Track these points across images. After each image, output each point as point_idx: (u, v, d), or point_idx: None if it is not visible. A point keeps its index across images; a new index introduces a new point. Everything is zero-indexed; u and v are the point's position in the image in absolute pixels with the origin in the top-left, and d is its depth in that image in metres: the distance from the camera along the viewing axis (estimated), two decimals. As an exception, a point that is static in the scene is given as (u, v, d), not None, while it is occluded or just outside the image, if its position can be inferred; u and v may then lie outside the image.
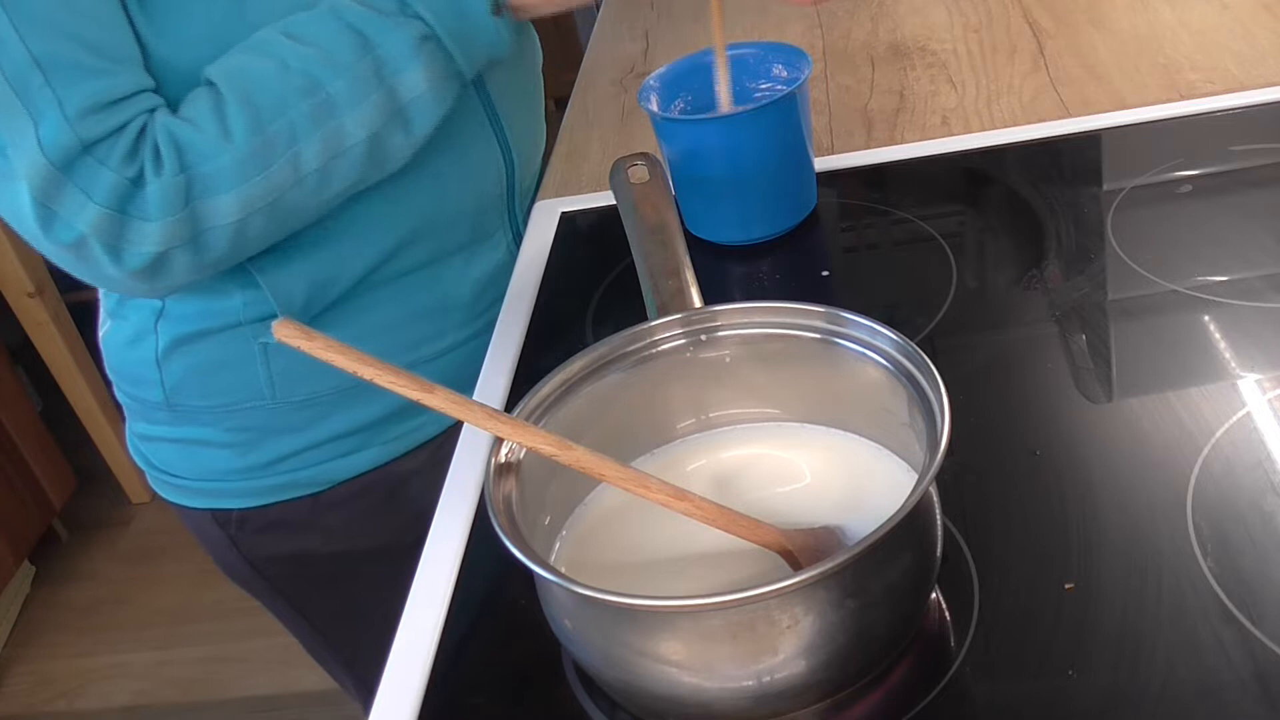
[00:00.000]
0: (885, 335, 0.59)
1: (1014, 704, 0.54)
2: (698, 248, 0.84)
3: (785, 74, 0.90)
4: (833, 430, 0.64)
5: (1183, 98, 0.96)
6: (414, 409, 0.90)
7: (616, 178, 0.80)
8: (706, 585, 0.57)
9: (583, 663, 0.57)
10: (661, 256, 0.71)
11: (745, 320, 0.64)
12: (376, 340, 0.90)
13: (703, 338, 0.64)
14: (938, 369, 0.55)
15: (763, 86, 0.91)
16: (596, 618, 0.54)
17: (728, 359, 0.64)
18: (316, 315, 0.87)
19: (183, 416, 0.93)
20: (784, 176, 0.88)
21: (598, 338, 0.65)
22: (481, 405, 0.56)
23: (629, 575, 0.59)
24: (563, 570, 0.56)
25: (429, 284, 0.91)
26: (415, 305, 0.92)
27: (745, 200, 0.88)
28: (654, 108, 0.88)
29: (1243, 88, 0.95)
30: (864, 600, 0.51)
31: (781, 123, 0.85)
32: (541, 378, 0.62)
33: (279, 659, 1.97)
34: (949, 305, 0.79)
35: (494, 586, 0.66)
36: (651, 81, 0.90)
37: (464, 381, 0.81)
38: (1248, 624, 0.54)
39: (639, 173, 0.78)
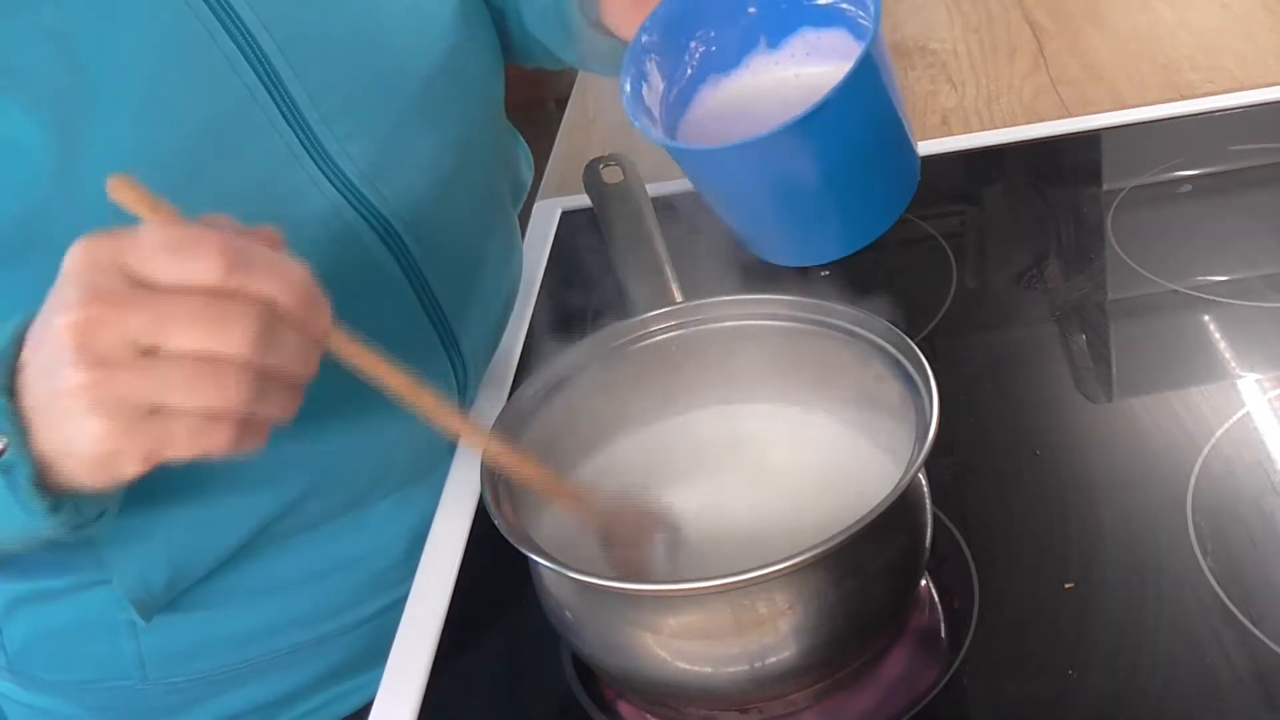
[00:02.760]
0: (872, 322, 0.59)
1: (1014, 704, 0.54)
2: (695, 246, 0.84)
3: None
4: (819, 418, 0.64)
5: (1183, 98, 0.96)
6: (317, 687, 0.77)
7: (590, 179, 0.79)
8: (695, 569, 0.57)
9: (583, 654, 0.57)
10: (641, 256, 0.71)
11: (730, 313, 0.64)
12: (269, 604, 0.73)
13: (687, 330, 0.64)
14: (938, 369, 0.55)
15: (819, 1, 0.62)
16: (598, 606, 0.54)
17: (713, 352, 0.64)
18: (184, 590, 0.70)
19: (32, 684, 0.76)
20: (878, 167, 0.60)
21: (599, 336, 0.65)
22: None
23: (627, 565, 0.59)
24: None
25: (344, 536, 0.74)
26: (325, 562, 0.74)
27: (832, 213, 0.61)
28: (654, 121, 0.59)
29: (1243, 88, 0.95)
30: (861, 579, 0.52)
31: (863, 100, 0.56)
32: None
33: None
34: (949, 305, 0.79)
35: (493, 585, 0.66)
36: (644, 38, 0.60)
37: (382, 657, 0.65)
38: (1248, 624, 0.54)
39: (612, 173, 0.78)
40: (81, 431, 0.47)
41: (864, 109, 0.56)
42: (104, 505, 0.54)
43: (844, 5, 0.60)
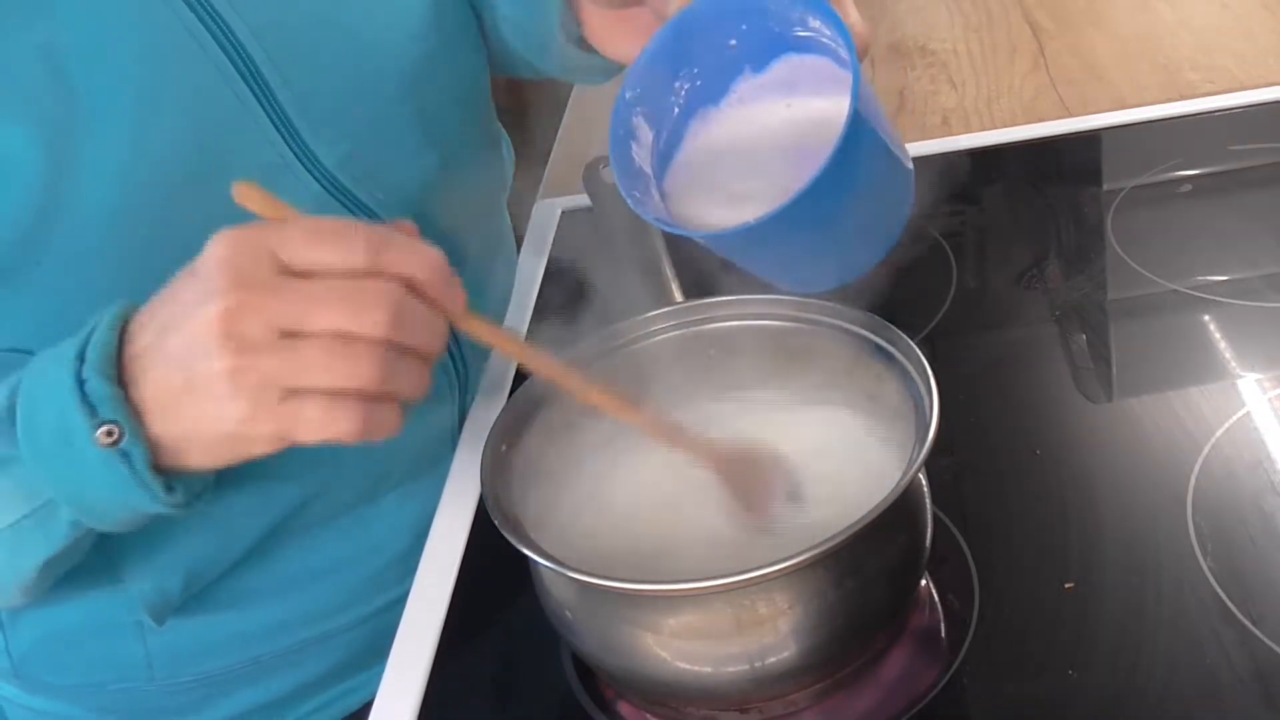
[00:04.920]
0: (872, 322, 0.59)
1: (1014, 704, 0.54)
2: (695, 246, 0.84)
3: (821, 28, 0.58)
4: (819, 418, 0.64)
5: (1183, 98, 0.96)
6: (321, 684, 0.77)
7: (590, 179, 0.79)
8: (695, 569, 0.57)
9: (583, 653, 0.57)
10: (641, 256, 0.71)
11: (730, 313, 0.64)
12: (276, 603, 0.74)
13: (687, 330, 0.64)
14: (938, 369, 0.55)
15: (797, 32, 0.59)
16: (598, 606, 0.54)
17: (713, 352, 0.64)
18: (196, 592, 0.70)
19: (36, 687, 0.75)
20: (878, 201, 0.60)
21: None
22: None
23: (624, 564, 0.59)
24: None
25: (349, 533, 0.74)
26: (330, 559, 0.74)
27: (839, 250, 0.61)
28: (649, 181, 0.59)
29: (1243, 88, 0.95)
30: (861, 579, 0.52)
31: (856, 158, 0.55)
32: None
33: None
34: (949, 305, 0.79)
35: (493, 585, 0.66)
36: (627, 94, 0.60)
37: (388, 653, 0.65)
38: (1248, 624, 0.54)
39: (612, 173, 0.78)
40: (220, 414, 0.49)
41: (854, 167, 0.55)
42: (208, 482, 0.56)
43: (823, 39, 0.59)
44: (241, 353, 0.47)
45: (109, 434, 0.51)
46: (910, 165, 0.61)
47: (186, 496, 0.54)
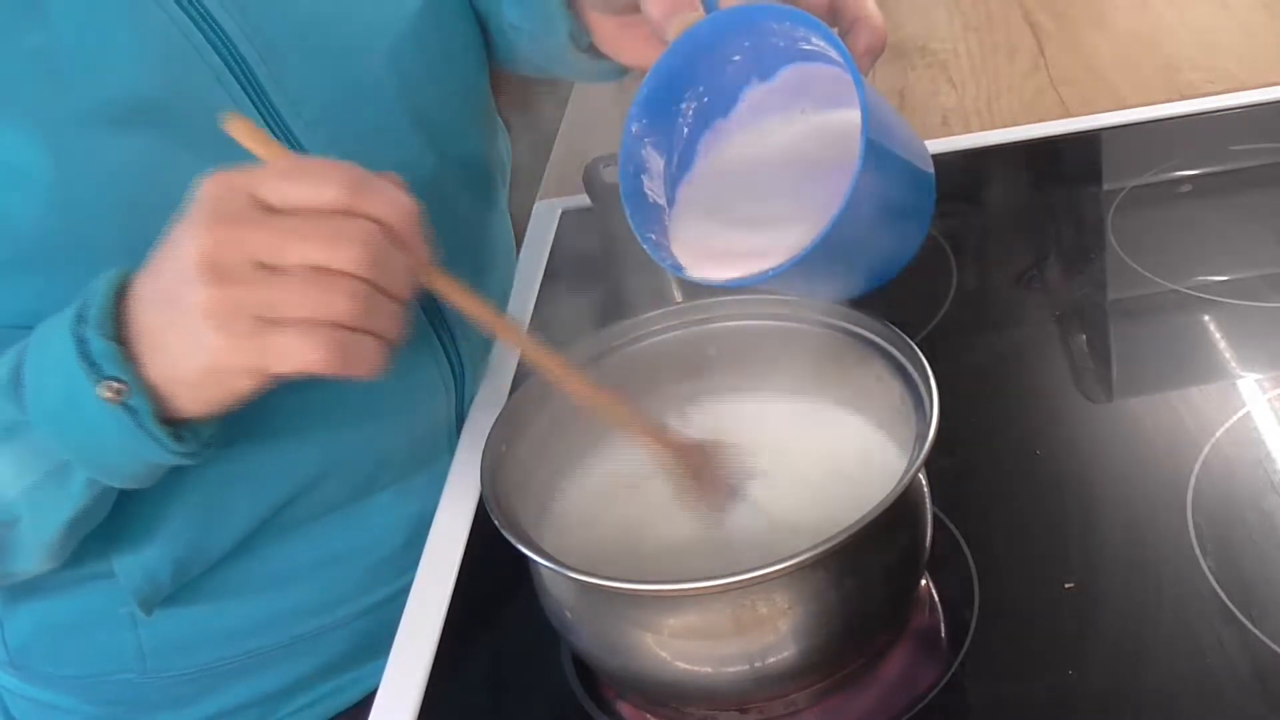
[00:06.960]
0: (872, 322, 0.59)
1: (1014, 704, 0.54)
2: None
3: (825, 47, 0.55)
4: (819, 418, 0.64)
5: (1183, 98, 0.96)
6: (315, 680, 0.77)
7: (590, 179, 0.79)
8: (695, 569, 0.58)
9: (584, 653, 0.57)
10: (641, 256, 0.71)
11: (730, 313, 0.64)
12: (268, 597, 0.74)
13: (688, 330, 0.64)
14: (938, 369, 0.55)
15: (802, 46, 0.57)
16: (598, 606, 0.54)
17: (713, 352, 0.64)
18: (184, 583, 0.70)
19: (34, 678, 0.76)
20: (899, 219, 0.59)
21: (599, 337, 0.65)
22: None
23: (624, 564, 0.59)
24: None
25: (343, 528, 0.74)
26: (325, 554, 0.74)
27: (860, 269, 0.59)
28: (663, 211, 0.58)
29: (1243, 87, 0.95)
30: (861, 579, 0.52)
31: (870, 189, 0.52)
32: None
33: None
34: (949, 305, 0.79)
35: (493, 585, 0.66)
36: (634, 128, 0.57)
37: (381, 650, 0.64)
38: (1248, 624, 0.54)
39: (612, 173, 0.78)
40: (199, 345, 0.50)
41: (870, 199, 0.53)
42: (214, 430, 0.57)
43: (829, 54, 0.56)
44: (219, 284, 0.48)
45: (113, 390, 0.51)
46: (930, 168, 0.61)
47: (196, 445, 0.55)
